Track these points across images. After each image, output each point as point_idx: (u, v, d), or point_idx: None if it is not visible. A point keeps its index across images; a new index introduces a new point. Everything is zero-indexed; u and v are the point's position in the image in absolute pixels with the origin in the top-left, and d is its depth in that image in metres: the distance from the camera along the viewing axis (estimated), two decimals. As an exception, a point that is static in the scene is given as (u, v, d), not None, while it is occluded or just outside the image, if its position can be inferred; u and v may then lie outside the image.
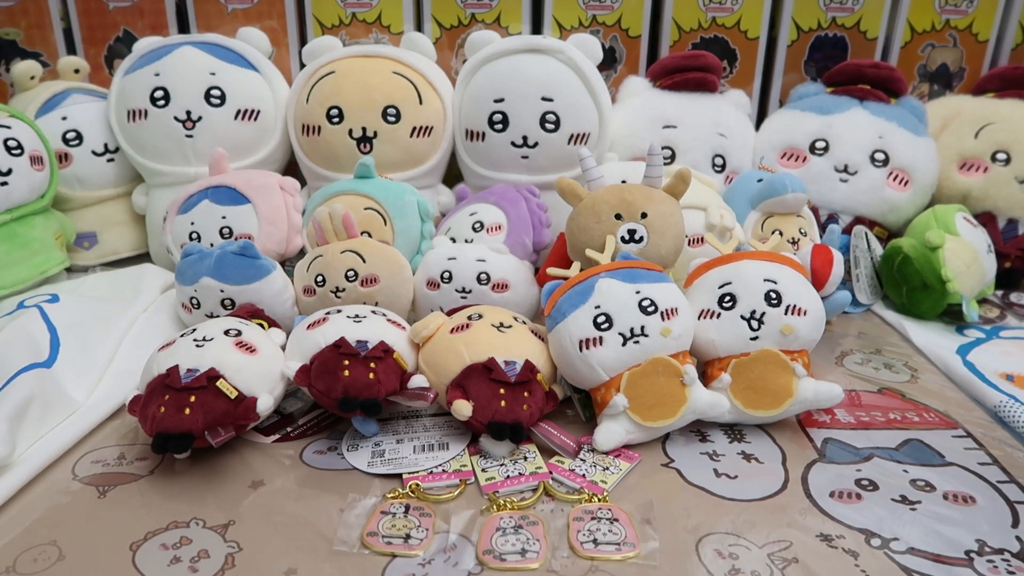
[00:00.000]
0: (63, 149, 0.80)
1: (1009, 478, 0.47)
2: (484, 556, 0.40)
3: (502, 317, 0.53)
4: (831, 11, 0.94)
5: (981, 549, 0.41)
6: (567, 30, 0.93)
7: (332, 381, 0.48)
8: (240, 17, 0.92)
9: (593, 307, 0.50)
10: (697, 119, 0.83)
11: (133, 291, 0.71)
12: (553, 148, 0.76)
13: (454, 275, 0.61)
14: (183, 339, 0.50)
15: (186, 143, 0.78)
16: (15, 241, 0.71)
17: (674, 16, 0.94)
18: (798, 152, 0.84)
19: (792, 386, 0.51)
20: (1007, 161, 0.81)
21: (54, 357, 0.56)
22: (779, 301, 0.52)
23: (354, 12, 0.93)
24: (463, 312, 0.55)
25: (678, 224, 0.57)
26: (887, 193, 0.81)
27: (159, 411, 0.45)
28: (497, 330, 0.52)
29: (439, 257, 0.62)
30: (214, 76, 0.78)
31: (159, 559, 0.40)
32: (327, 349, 0.50)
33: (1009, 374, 0.61)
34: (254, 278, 0.61)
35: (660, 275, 0.53)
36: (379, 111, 0.76)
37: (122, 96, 0.79)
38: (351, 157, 0.76)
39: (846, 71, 0.86)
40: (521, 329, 0.53)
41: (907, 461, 0.49)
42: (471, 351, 0.50)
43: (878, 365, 0.64)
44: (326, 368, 0.49)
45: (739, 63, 0.96)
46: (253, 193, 0.70)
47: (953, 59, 0.97)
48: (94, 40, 0.93)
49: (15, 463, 0.47)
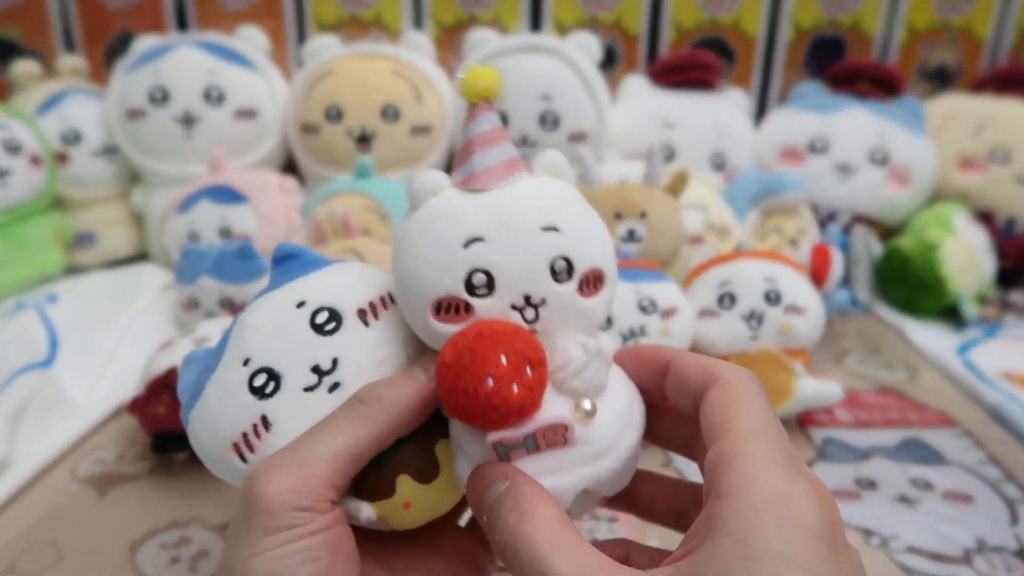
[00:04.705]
0: (62, 149, 0.80)
1: (1008, 477, 0.47)
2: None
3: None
4: (830, 11, 0.94)
5: (980, 547, 0.41)
6: (566, 29, 0.93)
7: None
8: (240, 17, 0.92)
9: (592, 306, 0.50)
10: (696, 118, 0.83)
11: (132, 291, 0.71)
12: (552, 147, 0.76)
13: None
14: (182, 339, 0.50)
15: (185, 143, 0.78)
16: (13, 241, 0.71)
17: (673, 15, 0.94)
18: (797, 151, 0.84)
19: (791, 385, 0.51)
20: (1006, 160, 0.81)
21: (53, 357, 0.56)
22: (778, 300, 0.52)
23: (353, 12, 0.93)
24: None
25: (677, 223, 0.57)
26: (886, 192, 0.81)
27: (159, 411, 0.45)
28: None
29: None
30: (213, 75, 0.78)
31: (159, 559, 0.40)
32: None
33: (1008, 373, 0.61)
34: (253, 278, 0.61)
35: (659, 274, 0.53)
36: (378, 110, 0.76)
37: (121, 96, 0.79)
38: (350, 156, 0.76)
39: (845, 70, 0.86)
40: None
41: (906, 460, 0.49)
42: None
43: (877, 364, 0.64)
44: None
45: (738, 62, 0.96)
46: (252, 192, 0.70)
47: (952, 58, 0.97)
48: (94, 40, 0.93)
49: (14, 463, 0.47)
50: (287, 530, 0.24)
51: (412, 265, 0.26)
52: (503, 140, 0.28)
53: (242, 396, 0.27)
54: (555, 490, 0.25)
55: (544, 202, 0.27)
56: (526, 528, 0.23)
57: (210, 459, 0.29)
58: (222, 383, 0.28)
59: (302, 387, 0.27)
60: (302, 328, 0.28)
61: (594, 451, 0.26)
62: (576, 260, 0.26)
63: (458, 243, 0.26)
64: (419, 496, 0.27)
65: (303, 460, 0.25)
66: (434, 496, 0.28)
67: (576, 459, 0.25)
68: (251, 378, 0.28)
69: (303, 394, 0.27)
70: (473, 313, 0.26)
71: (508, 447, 0.25)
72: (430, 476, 0.28)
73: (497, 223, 0.26)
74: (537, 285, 0.26)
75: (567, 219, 0.26)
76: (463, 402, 0.24)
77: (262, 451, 0.27)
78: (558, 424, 0.25)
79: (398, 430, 0.27)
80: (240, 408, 0.27)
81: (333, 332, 0.28)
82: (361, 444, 0.25)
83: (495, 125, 0.28)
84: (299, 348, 0.28)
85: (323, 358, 0.27)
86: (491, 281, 0.26)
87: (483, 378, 0.24)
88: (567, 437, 0.25)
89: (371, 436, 0.26)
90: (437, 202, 0.27)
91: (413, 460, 0.27)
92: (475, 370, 0.24)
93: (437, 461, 0.28)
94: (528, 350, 0.25)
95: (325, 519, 0.24)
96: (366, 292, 0.29)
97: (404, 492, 0.27)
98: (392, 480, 0.27)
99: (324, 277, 0.30)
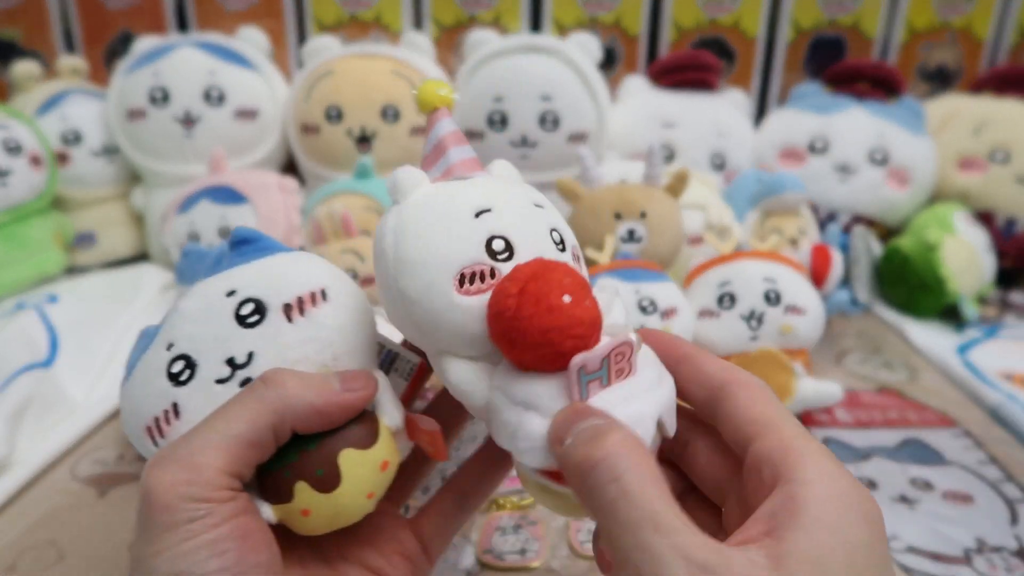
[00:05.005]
0: (62, 149, 0.80)
1: (1008, 477, 0.47)
2: (484, 556, 0.40)
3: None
4: (829, 11, 0.94)
5: (980, 547, 0.41)
6: (566, 30, 0.93)
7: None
8: (240, 17, 0.92)
9: (593, 306, 0.50)
10: (696, 118, 0.83)
11: (132, 291, 0.71)
12: (552, 147, 0.76)
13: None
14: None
15: (185, 143, 0.78)
16: (13, 241, 0.71)
17: (673, 16, 0.94)
18: (797, 151, 0.84)
19: (791, 385, 0.51)
20: (1006, 160, 0.81)
21: (53, 357, 0.56)
22: (778, 300, 0.52)
23: (353, 12, 0.93)
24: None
25: (677, 223, 0.57)
26: (886, 192, 0.81)
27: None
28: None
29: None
30: (213, 76, 0.78)
31: (159, 559, 0.40)
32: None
33: (1008, 373, 0.61)
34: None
35: (659, 274, 0.53)
36: (378, 110, 0.76)
37: (121, 96, 0.79)
38: (350, 156, 0.76)
39: (845, 70, 0.86)
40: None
41: (906, 460, 0.49)
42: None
43: (877, 364, 0.64)
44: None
45: (738, 63, 0.96)
46: (252, 192, 0.70)
47: (952, 58, 0.97)
48: (94, 40, 0.93)
49: (14, 463, 0.47)
50: (187, 524, 0.23)
51: (424, 245, 0.26)
52: (466, 140, 0.30)
53: (160, 380, 0.27)
54: (638, 417, 0.25)
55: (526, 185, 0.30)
56: (631, 480, 0.21)
57: (132, 438, 0.28)
58: (147, 364, 0.28)
59: (214, 379, 0.27)
60: (226, 318, 0.27)
61: (651, 378, 0.26)
62: (564, 235, 0.29)
63: (469, 214, 0.26)
64: (318, 505, 0.26)
65: (196, 449, 0.24)
66: (334, 507, 0.26)
67: (643, 384, 0.26)
68: (170, 364, 0.27)
69: (214, 386, 0.26)
70: (498, 279, 0.26)
71: (589, 374, 0.25)
72: (330, 486, 0.26)
73: (498, 197, 0.27)
74: (545, 252, 0.27)
75: (548, 202, 0.30)
76: (547, 323, 0.24)
77: (170, 438, 0.26)
78: (625, 344, 0.25)
79: (296, 424, 0.25)
80: (157, 392, 0.27)
81: (255, 325, 0.27)
82: (256, 430, 0.24)
83: (457, 127, 0.30)
84: (218, 339, 0.27)
85: (239, 351, 0.27)
86: (509, 245, 0.26)
87: (560, 294, 0.24)
88: (631, 363, 0.25)
89: (266, 423, 0.25)
90: (427, 191, 0.27)
91: (313, 468, 0.26)
92: (549, 290, 0.24)
93: (340, 472, 0.26)
94: (577, 275, 0.25)
95: (227, 509, 0.23)
96: (298, 286, 0.28)
97: (302, 499, 0.26)
98: (291, 485, 0.26)
99: (262, 267, 0.29)
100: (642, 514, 0.20)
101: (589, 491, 0.22)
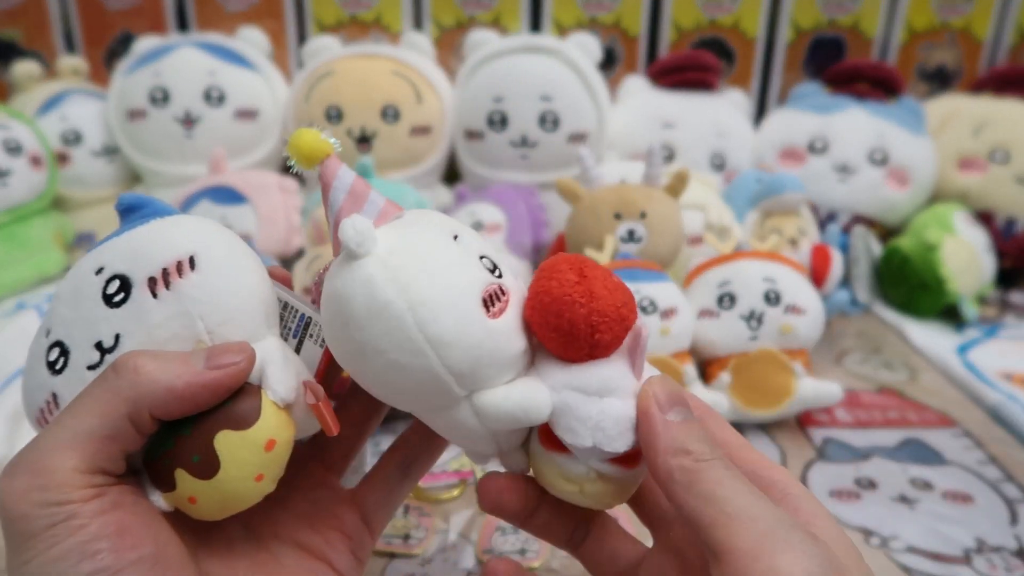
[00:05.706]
0: (62, 149, 0.80)
1: (1008, 477, 0.48)
2: (483, 556, 0.40)
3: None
4: (829, 11, 0.94)
5: (980, 547, 0.41)
6: (566, 30, 0.93)
7: None
8: (240, 17, 0.92)
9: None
10: (696, 119, 0.83)
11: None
12: (552, 148, 0.76)
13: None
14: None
15: (185, 143, 0.78)
16: (14, 242, 0.71)
17: (673, 16, 0.94)
18: (797, 151, 0.84)
19: (791, 385, 0.51)
20: (1006, 160, 0.81)
21: (54, 357, 0.56)
22: (778, 300, 0.52)
23: (353, 13, 0.93)
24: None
25: (677, 224, 0.57)
26: (886, 192, 0.81)
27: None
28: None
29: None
30: (213, 76, 0.78)
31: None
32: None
33: (1008, 373, 0.61)
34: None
35: (659, 275, 0.53)
36: (378, 110, 0.76)
37: (121, 96, 0.79)
38: (350, 157, 0.76)
39: (844, 71, 0.86)
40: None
41: (906, 460, 0.49)
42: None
43: (877, 364, 0.64)
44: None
45: (737, 63, 0.96)
46: (252, 193, 0.70)
47: (951, 59, 0.97)
48: (94, 40, 0.93)
49: (15, 463, 0.47)
50: (49, 530, 0.21)
51: (442, 281, 0.24)
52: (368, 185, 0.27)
53: (41, 370, 0.26)
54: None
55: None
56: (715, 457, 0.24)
57: (32, 430, 0.27)
58: (32, 354, 0.27)
59: (85, 365, 0.25)
60: (94, 299, 0.25)
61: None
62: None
63: (453, 242, 0.26)
64: (201, 492, 0.24)
65: (45, 452, 0.22)
66: (219, 493, 0.24)
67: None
68: (48, 351, 0.26)
69: (86, 372, 0.25)
70: (508, 293, 0.26)
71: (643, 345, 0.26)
72: (210, 472, 0.24)
73: (448, 223, 0.27)
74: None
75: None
76: (619, 298, 0.25)
77: None
78: (641, 326, 0.26)
79: (156, 410, 0.23)
80: (39, 382, 0.26)
81: (120, 304, 0.25)
82: (111, 423, 0.23)
83: (355, 173, 0.27)
84: (87, 322, 0.25)
85: (106, 334, 0.25)
86: (493, 263, 0.27)
87: (609, 274, 0.26)
88: (645, 339, 0.27)
89: (120, 414, 0.23)
90: (391, 235, 0.25)
91: (189, 454, 0.24)
92: (603, 270, 0.26)
93: (218, 457, 0.24)
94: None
95: (92, 507, 0.22)
96: (162, 256, 0.25)
97: (184, 487, 0.24)
98: (171, 473, 0.24)
99: (131, 238, 0.26)
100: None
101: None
